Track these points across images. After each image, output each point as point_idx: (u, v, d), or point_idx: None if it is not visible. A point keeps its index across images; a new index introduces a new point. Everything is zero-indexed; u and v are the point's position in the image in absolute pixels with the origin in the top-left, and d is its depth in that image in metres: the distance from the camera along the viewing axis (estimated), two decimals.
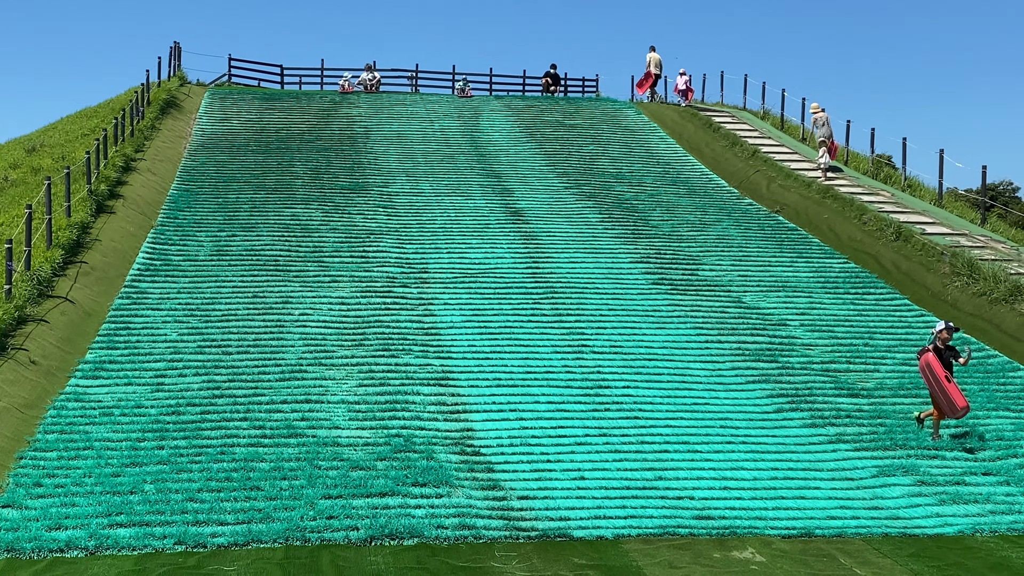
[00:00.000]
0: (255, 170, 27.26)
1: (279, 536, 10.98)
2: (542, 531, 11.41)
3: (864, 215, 24.51)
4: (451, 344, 17.29)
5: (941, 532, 11.83)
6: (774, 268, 21.90)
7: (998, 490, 12.99)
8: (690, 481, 12.97)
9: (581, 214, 24.96)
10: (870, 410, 15.47)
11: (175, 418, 14.17)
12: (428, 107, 35.69)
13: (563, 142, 32.06)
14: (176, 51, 39.03)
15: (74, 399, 14.62)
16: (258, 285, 19.56)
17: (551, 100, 38.69)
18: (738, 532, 11.59)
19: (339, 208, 24.46)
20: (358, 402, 14.99)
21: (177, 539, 10.83)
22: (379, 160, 28.90)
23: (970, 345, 18.05)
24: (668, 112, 36.71)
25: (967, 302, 19.89)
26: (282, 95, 37.03)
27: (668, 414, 15.07)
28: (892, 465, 13.59)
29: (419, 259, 21.39)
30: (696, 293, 20.23)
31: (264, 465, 12.81)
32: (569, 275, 20.81)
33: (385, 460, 13.10)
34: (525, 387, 15.74)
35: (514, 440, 13.95)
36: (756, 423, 14.99)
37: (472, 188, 26.73)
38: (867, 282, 21.35)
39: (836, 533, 11.68)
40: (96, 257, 19.81)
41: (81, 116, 33.04)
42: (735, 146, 31.68)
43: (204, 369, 15.88)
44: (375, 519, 11.43)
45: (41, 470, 12.44)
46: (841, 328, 18.85)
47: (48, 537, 10.76)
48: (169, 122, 31.50)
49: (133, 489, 12.00)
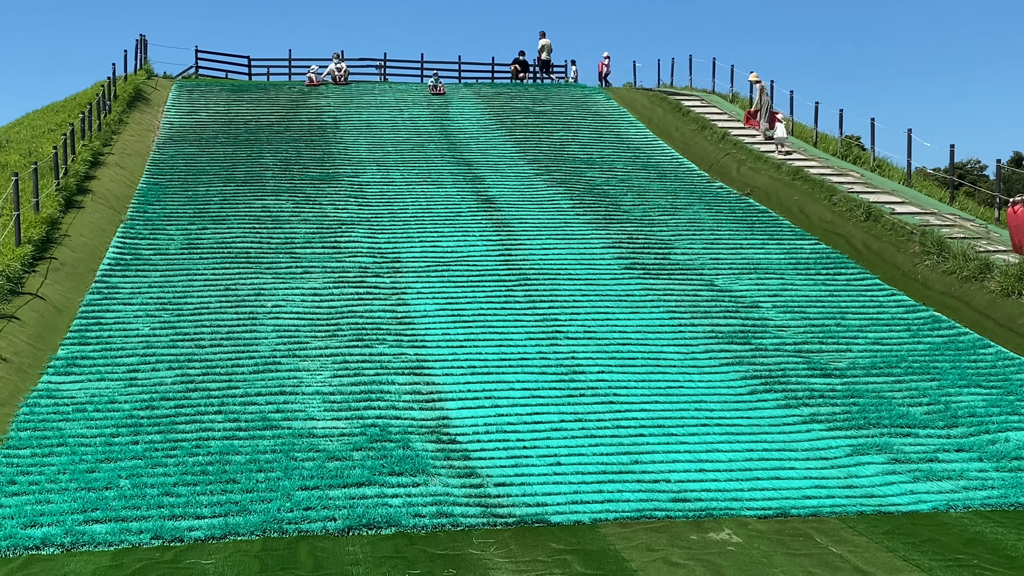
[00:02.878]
0: (224, 162, 27.12)
1: (256, 528, 10.95)
2: (520, 517, 11.43)
3: (834, 196, 24.64)
4: (425, 333, 17.28)
5: (915, 509, 11.93)
6: (746, 251, 21.99)
7: (971, 466, 13.11)
8: (666, 464, 13.02)
9: (553, 200, 24.97)
10: (843, 390, 15.56)
11: (149, 413, 14.10)
12: (397, 96, 35.59)
13: (533, 128, 32.05)
14: (142, 44, 38.73)
15: (47, 396, 14.52)
16: (230, 278, 19.48)
17: (520, 87, 38.66)
18: (714, 514, 11.65)
19: (310, 199, 24.38)
20: (333, 393, 14.96)
21: (154, 534, 10.78)
22: (349, 150, 28.81)
23: (941, 323, 18.22)
24: (637, 97, 36.76)
25: (937, 280, 20.04)
26: (250, 86, 36.84)
27: (643, 398, 15.12)
28: (865, 444, 13.69)
29: (391, 248, 21.35)
30: (669, 277, 20.29)
31: (240, 458, 12.77)
32: (542, 262, 20.83)
33: (361, 450, 13.09)
34: (500, 374, 15.76)
35: (490, 427, 13.97)
36: (730, 405, 15.06)
37: (443, 176, 26.69)
38: (838, 263, 21.47)
39: (811, 512, 11.75)
40: (66, 253, 19.67)
41: (47, 111, 32.77)
42: (705, 130, 31.77)
43: (177, 363, 15.81)
44: (352, 509, 11.42)
45: (15, 468, 12.36)
46: (813, 309, 18.95)
47: (23, 535, 10.69)
48: (136, 116, 31.29)
49: (108, 485, 11.94)
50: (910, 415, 14.57)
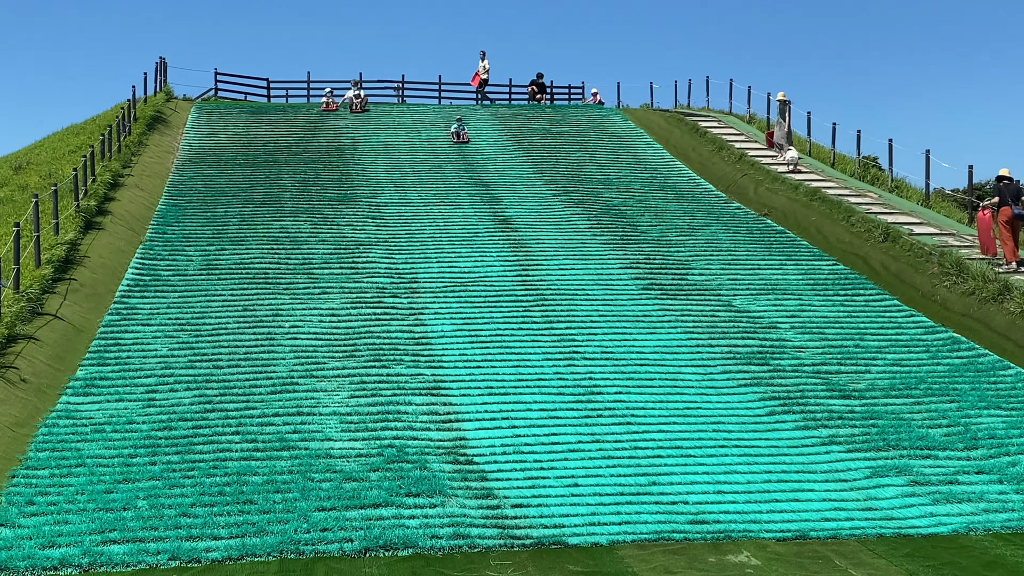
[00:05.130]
0: (243, 183, 27.24)
1: (273, 549, 10.95)
2: (537, 539, 11.40)
3: (852, 217, 24.57)
4: (442, 353, 17.29)
5: (935, 532, 11.85)
6: (763, 271, 21.95)
7: (991, 488, 13.02)
8: (684, 486, 12.97)
9: (570, 221, 24.99)
10: (862, 411, 15.49)
11: (167, 433, 14.13)
12: (415, 117, 35.71)
13: (550, 149, 32.11)
14: (162, 66, 39.00)
15: (65, 416, 14.57)
16: (248, 298, 19.54)
17: (538, 108, 38.75)
18: (733, 536, 11.60)
19: (328, 220, 24.45)
20: (350, 413, 14.97)
21: (171, 554, 10.79)
22: (367, 171, 28.91)
23: (960, 345, 18.13)
24: (654, 118, 36.80)
25: (956, 302, 19.95)
26: (269, 108, 37.01)
27: (660, 419, 15.08)
28: (885, 466, 13.61)
29: (408, 269, 21.39)
30: (686, 297, 20.26)
31: (257, 478, 12.78)
32: (559, 282, 20.83)
33: (378, 471, 13.09)
34: (517, 395, 15.74)
35: (507, 448, 13.95)
36: (748, 426, 15.00)
37: (460, 197, 26.75)
38: (856, 283, 21.40)
39: (831, 535, 11.69)
40: (85, 274, 19.77)
41: (68, 133, 32.98)
42: (722, 150, 31.76)
43: (195, 384, 15.85)
44: (369, 530, 11.41)
45: (33, 488, 12.40)
46: (831, 330, 18.89)
47: (42, 555, 10.72)
48: (156, 137, 31.48)
49: (126, 505, 11.96)
50: (929, 437, 14.49)
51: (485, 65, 40.98)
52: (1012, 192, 20.72)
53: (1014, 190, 20.76)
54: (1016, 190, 20.79)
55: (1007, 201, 20.72)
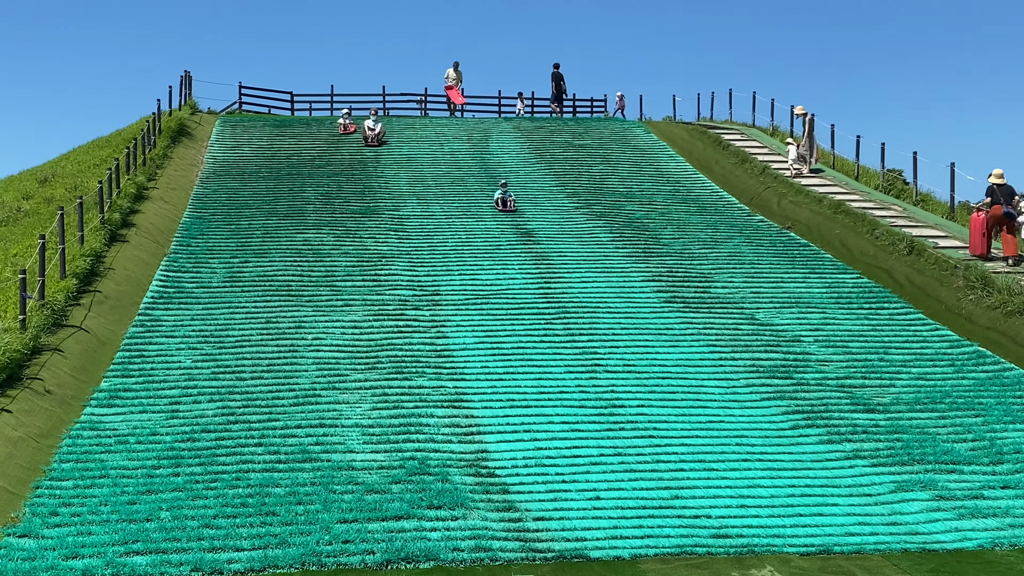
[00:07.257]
0: (267, 196, 27.35)
1: (295, 561, 10.96)
2: (559, 552, 11.38)
3: (876, 230, 24.46)
4: (464, 366, 17.29)
5: (960, 547, 11.76)
6: (787, 284, 21.87)
7: (1017, 503, 12.92)
8: (707, 500, 12.92)
9: (592, 233, 24.97)
10: (886, 425, 15.40)
11: (190, 445, 14.18)
12: (437, 130, 35.79)
13: (572, 162, 32.11)
14: (187, 80, 39.21)
15: (89, 428, 14.64)
16: (271, 310, 19.60)
17: (560, 121, 38.77)
18: (756, 550, 11.54)
19: (350, 232, 24.52)
20: (372, 425, 14.98)
21: (194, 566, 10.82)
22: (390, 184, 28.98)
23: (986, 359, 18.00)
24: (677, 131, 36.76)
25: (981, 315, 19.82)
26: (292, 121, 37.16)
27: (683, 432, 15.03)
28: (910, 480, 13.52)
29: (431, 281, 21.41)
30: (709, 310, 20.20)
31: (279, 490, 12.81)
32: (581, 295, 20.81)
33: (400, 483, 13.09)
34: (539, 408, 15.72)
35: (529, 461, 13.93)
36: (772, 440, 14.93)
37: (483, 210, 26.77)
38: (881, 297, 21.30)
39: (855, 549, 11.62)
40: (110, 286, 19.88)
41: (93, 146, 33.20)
42: (745, 163, 31.69)
43: (218, 395, 15.91)
44: (391, 543, 11.41)
45: (57, 499, 12.46)
46: (856, 343, 18.79)
47: (65, 566, 10.76)
48: (181, 150, 31.64)
49: (149, 516, 12.01)
50: (955, 451, 14.39)
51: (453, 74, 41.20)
52: (1006, 193, 21.79)
53: (1007, 191, 21.84)
54: (1009, 191, 21.88)
55: (999, 200, 21.69)
